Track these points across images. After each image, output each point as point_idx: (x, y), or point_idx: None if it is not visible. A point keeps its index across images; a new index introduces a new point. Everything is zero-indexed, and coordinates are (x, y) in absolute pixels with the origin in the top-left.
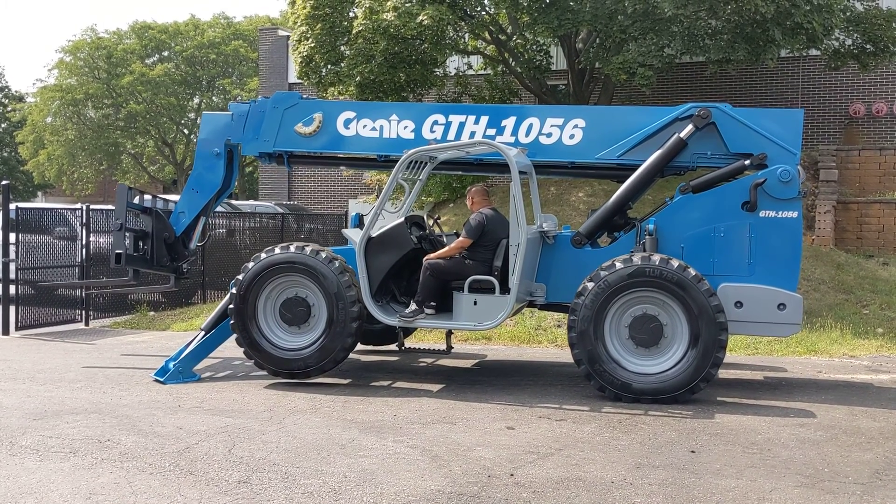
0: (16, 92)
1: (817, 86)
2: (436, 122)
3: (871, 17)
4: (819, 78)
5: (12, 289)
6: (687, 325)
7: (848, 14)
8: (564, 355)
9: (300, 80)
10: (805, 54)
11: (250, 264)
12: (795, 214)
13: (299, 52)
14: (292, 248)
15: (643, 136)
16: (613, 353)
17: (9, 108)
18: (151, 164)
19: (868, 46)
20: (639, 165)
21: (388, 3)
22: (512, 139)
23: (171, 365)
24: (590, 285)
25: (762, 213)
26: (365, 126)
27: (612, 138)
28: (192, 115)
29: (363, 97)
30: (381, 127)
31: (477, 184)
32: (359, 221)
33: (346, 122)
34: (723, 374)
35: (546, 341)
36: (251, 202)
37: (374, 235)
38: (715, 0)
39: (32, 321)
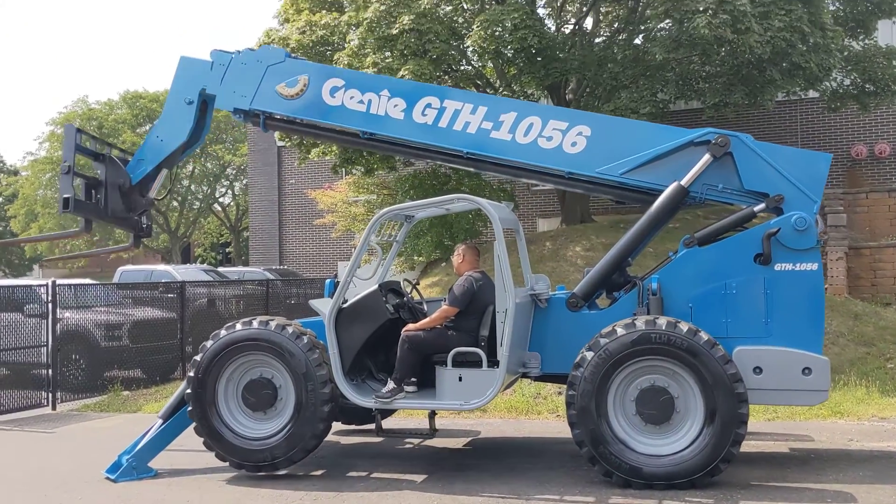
0: (10, 166)
1: (817, 128)
2: (429, 105)
3: (869, 55)
4: (818, 120)
5: None
6: (701, 397)
7: (846, 53)
8: (567, 428)
9: (282, 142)
10: (803, 96)
11: (209, 343)
12: (815, 266)
13: None
14: (255, 324)
15: (652, 156)
16: (619, 433)
17: (3, 183)
18: None
19: (868, 86)
20: (641, 188)
21: (368, 60)
22: (509, 137)
23: (124, 459)
24: (588, 355)
25: (777, 267)
26: (352, 97)
27: (618, 153)
28: (185, 183)
29: (346, 156)
30: (370, 101)
31: (468, 241)
32: (333, 288)
33: (333, 91)
34: (742, 445)
35: (546, 412)
36: (240, 268)
37: (345, 306)
38: (706, 44)
39: None
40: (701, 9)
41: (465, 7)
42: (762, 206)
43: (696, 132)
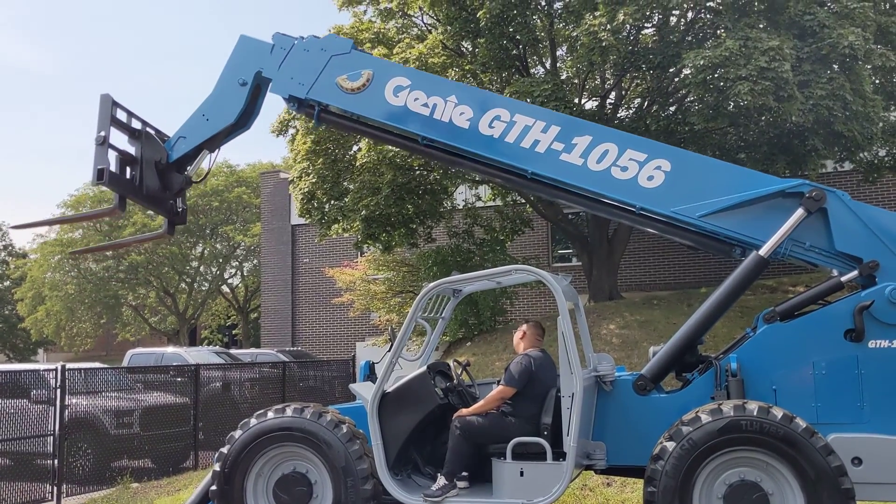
0: (19, 249)
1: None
2: (497, 118)
3: None
4: (854, 192)
5: None
6: (802, 494)
7: (881, 125)
8: None
9: (302, 219)
10: (838, 168)
11: (237, 433)
12: None
13: (300, 189)
14: (289, 412)
15: (735, 202)
16: None
17: (11, 266)
18: (153, 316)
19: None
20: (718, 235)
21: None
22: (580, 162)
23: None
24: (670, 446)
25: (871, 344)
26: (416, 99)
27: (698, 194)
28: (194, 264)
29: (369, 232)
30: (435, 105)
31: (533, 320)
32: (370, 371)
33: (397, 90)
34: None
35: None
36: (252, 350)
37: (389, 390)
38: (746, 112)
39: None
40: (743, 75)
41: (484, 81)
42: (854, 273)
43: (788, 182)
